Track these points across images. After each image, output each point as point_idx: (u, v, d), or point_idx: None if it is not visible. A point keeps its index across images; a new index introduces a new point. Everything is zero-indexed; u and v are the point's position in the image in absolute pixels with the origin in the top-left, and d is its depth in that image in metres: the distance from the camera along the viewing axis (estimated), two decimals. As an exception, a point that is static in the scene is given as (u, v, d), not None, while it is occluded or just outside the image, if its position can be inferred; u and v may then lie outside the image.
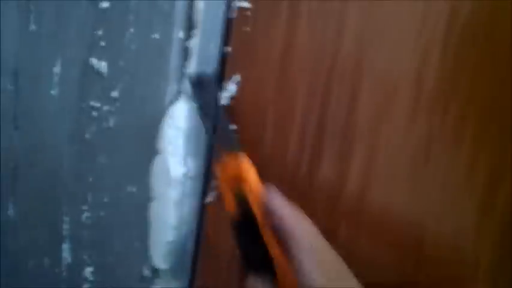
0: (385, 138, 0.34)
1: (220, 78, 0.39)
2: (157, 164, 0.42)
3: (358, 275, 0.31)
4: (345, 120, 0.35)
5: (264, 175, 0.36)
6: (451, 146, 0.32)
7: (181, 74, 0.40)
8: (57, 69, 0.47)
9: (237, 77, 0.38)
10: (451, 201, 0.33)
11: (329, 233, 0.34)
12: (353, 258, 0.32)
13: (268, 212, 0.33)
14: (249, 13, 0.37)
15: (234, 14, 0.38)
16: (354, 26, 0.34)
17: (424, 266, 0.34)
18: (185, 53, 0.40)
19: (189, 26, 0.39)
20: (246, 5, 0.37)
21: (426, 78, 0.32)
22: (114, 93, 0.43)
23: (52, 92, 0.48)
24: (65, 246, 0.50)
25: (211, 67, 0.40)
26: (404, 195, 0.34)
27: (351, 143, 0.35)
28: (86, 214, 0.48)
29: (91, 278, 0.49)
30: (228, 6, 0.38)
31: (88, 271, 0.49)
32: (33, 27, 0.48)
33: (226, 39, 0.38)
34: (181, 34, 0.39)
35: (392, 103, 0.33)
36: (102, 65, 0.43)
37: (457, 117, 0.32)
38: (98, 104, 0.44)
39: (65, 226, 0.49)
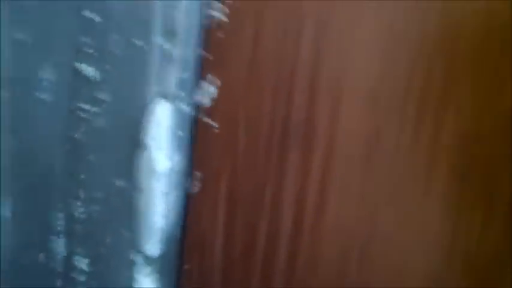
0: (341, 130, 0.39)
1: (197, 79, 0.44)
2: (143, 159, 0.46)
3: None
4: (306, 116, 0.40)
5: (238, 168, 0.40)
6: (395, 130, 0.37)
7: (162, 76, 0.45)
8: (47, 75, 0.50)
9: (216, 80, 0.43)
10: (398, 181, 0.38)
11: (297, 212, 0.39)
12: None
13: None
14: (221, 21, 0.41)
15: (209, 22, 0.42)
16: (311, 35, 0.39)
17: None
18: (165, 58, 0.44)
19: (168, 33, 0.43)
20: (217, 14, 0.41)
21: (370, 76, 0.38)
22: (101, 96, 0.47)
23: (43, 96, 0.51)
24: (60, 241, 0.53)
25: (189, 70, 0.44)
26: (359, 177, 0.39)
27: (312, 137, 0.40)
28: (79, 209, 0.51)
29: (86, 270, 0.52)
30: (203, 16, 0.42)
31: (83, 263, 0.52)
32: (23, 37, 0.51)
33: (202, 44, 0.43)
34: (160, 40, 0.43)
35: (344, 99, 0.38)
36: (90, 70, 0.47)
37: (399, 105, 0.37)
38: (86, 106, 0.48)
39: (59, 222, 0.53)
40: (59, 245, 0.54)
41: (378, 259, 0.38)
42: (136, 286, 0.48)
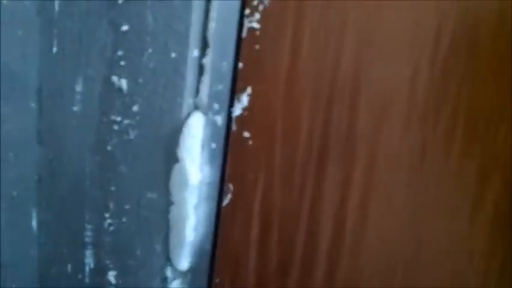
0: (384, 144, 0.38)
1: (233, 91, 0.43)
2: (176, 172, 0.45)
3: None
4: (347, 129, 0.39)
5: (274, 181, 0.39)
6: (442, 147, 0.36)
7: (196, 89, 0.44)
8: (79, 88, 0.51)
9: (249, 90, 0.42)
10: (445, 199, 0.37)
11: (336, 228, 0.38)
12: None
13: None
14: (258, 33, 0.41)
15: (245, 34, 0.42)
16: (352, 43, 0.38)
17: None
18: (199, 70, 0.44)
19: (203, 45, 0.43)
20: (255, 25, 0.41)
21: (417, 89, 0.37)
22: (134, 108, 0.47)
23: (74, 108, 0.51)
24: (88, 253, 0.53)
25: (224, 82, 0.44)
26: (403, 194, 0.38)
27: (353, 150, 0.39)
28: (108, 221, 0.51)
29: (114, 282, 0.52)
30: (240, 27, 0.42)
31: (111, 275, 0.52)
32: (55, 49, 0.52)
33: (238, 56, 0.42)
34: (195, 53, 0.43)
35: (388, 112, 0.37)
36: (123, 83, 0.47)
37: (447, 122, 0.36)
38: (118, 118, 0.48)
39: (88, 233, 0.53)
40: (87, 257, 0.53)
41: (425, 277, 0.37)
42: (166, 300, 0.47)
